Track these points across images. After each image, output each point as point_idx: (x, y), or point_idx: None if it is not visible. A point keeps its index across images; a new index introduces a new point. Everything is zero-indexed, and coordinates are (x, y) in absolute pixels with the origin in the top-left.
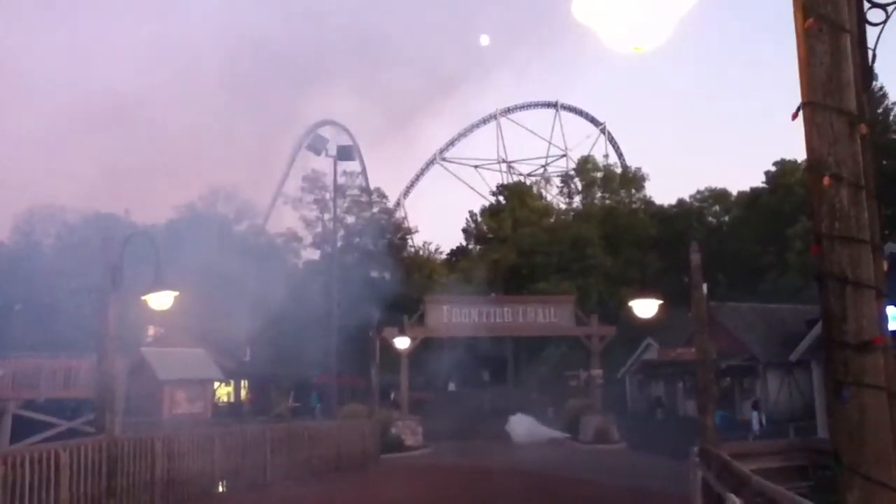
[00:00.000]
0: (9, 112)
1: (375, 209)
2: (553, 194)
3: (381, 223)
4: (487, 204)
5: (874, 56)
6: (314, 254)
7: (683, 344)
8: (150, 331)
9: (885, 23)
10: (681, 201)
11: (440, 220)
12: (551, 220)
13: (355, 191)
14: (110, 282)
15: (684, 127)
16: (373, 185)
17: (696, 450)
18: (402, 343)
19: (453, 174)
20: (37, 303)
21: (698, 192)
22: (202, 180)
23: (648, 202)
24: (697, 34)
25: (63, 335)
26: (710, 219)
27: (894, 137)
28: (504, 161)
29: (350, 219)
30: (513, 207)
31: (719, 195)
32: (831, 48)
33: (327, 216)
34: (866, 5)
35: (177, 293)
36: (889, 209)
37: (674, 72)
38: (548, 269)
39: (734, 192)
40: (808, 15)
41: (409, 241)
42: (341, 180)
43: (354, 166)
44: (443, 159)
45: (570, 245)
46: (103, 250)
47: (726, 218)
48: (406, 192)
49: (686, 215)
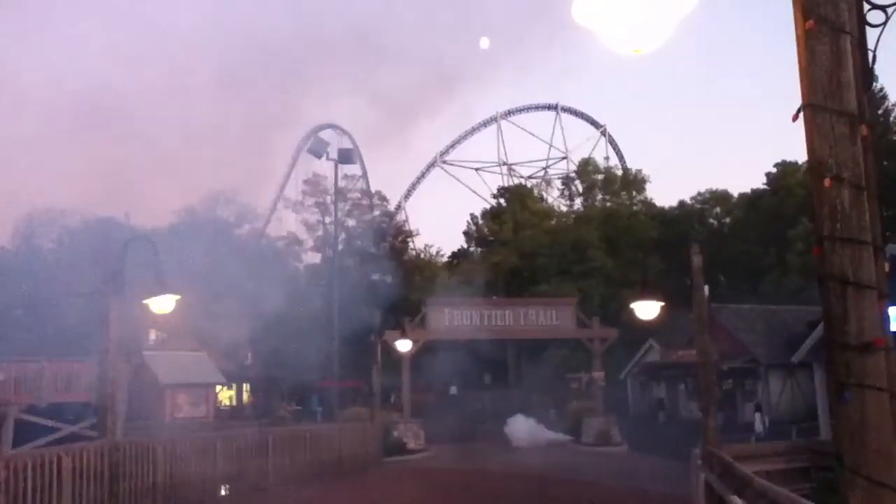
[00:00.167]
0: (8, 115)
1: (376, 212)
2: (554, 197)
3: (381, 226)
4: (488, 206)
5: (874, 57)
6: (315, 257)
7: (685, 346)
8: (152, 335)
9: (885, 24)
10: (682, 203)
11: (441, 222)
12: (552, 222)
13: (356, 194)
14: (111, 286)
15: (685, 129)
16: (374, 188)
17: (698, 452)
18: (404, 346)
19: (454, 177)
20: (38, 307)
21: (699, 193)
22: (202, 184)
23: (649, 204)
24: (698, 36)
25: (64, 339)
26: (711, 220)
27: (895, 139)
28: (505, 163)
29: (351, 222)
30: (514, 210)
31: (720, 197)
32: (831, 50)
33: (328, 219)
34: (866, 7)
35: (178, 297)
36: (890, 210)
37: (674, 74)
38: (549, 271)
39: (735, 193)
40: (808, 16)
41: (410, 244)
42: (342, 183)
43: (355, 169)
44: (443, 162)
45: (571, 247)
46: (104, 254)
47: (727, 220)
48: (407, 195)
49: (687, 217)
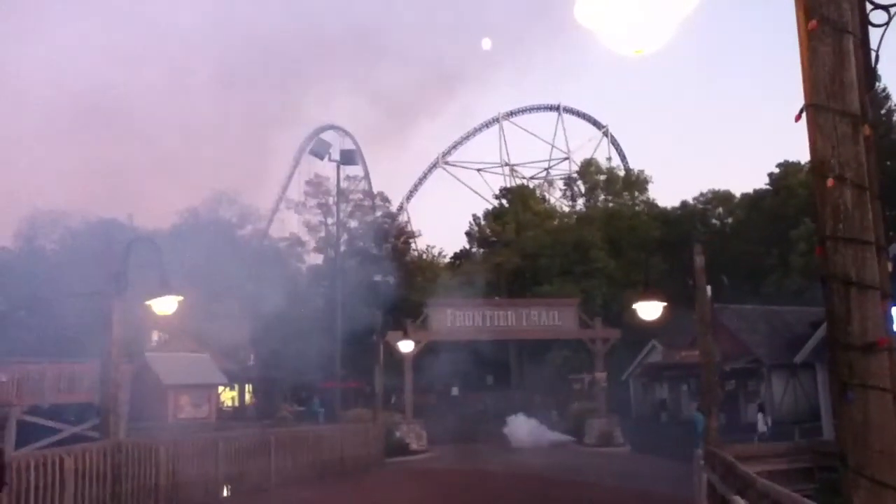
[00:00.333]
0: (9, 116)
1: (378, 213)
2: (556, 197)
3: (384, 227)
4: (490, 207)
5: (877, 57)
6: (317, 258)
7: (687, 346)
8: (155, 336)
9: (887, 24)
10: (684, 203)
11: (443, 223)
12: (554, 223)
13: (358, 195)
14: (114, 287)
15: (687, 129)
16: (376, 189)
17: (700, 452)
18: (406, 347)
19: (456, 178)
20: (40, 308)
21: (701, 194)
22: (205, 185)
23: (651, 204)
24: (699, 36)
25: (66, 340)
26: (713, 221)
27: None
28: (507, 164)
29: (353, 223)
30: (516, 211)
31: (722, 197)
32: (834, 50)
33: (330, 220)
34: (869, 7)
35: (180, 298)
36: (893, 210)
37: (676, 74)
38: (551, 272)
39: (737, 194)
40: (810, 16)
41: (413, 245)
42: (344, 184)
43: (357, 170)
44: (445, 163)
45: (573, 248)
46: (107, 255)
47: (730, 220)
48: (409, 196)
49: (689, 217)
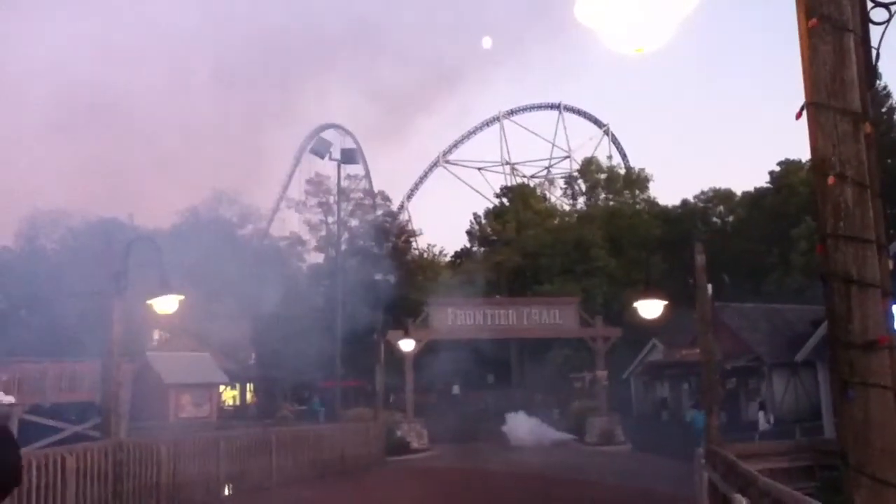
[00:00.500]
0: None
1: (379, 212)
2: (557, 196)
3: (384, 226)
4: (491, 206)
5: (878, 55)
6: (318, 257)
7: (688, 345)
8: (156, 335)
9: (888, 22)
10: (685, 202)
11: (444, 222)
12: (555, 221)
13: (359, 194)
14: (115, 286)
15: (688, 127)
16: (376, 188)
17: (701, 451)
18: (407, 345)
19: (457, 177)
20: (41, 307)
21: (702, 192)
22: (205, 184)
23: (652, 203)
24: (700, 35)
25: (68, 340)
26: (714, 219)
27: None
28: (507, 163)
29: (354, 222)
30: (516, 209)
31: (723, 196)
32: (834, 48)
33: (331, 219)
34: (869, 4)
35: (181, 297)
36: (894, 208)
37: (677, 72)
38: (552, 270)
39: (738, 192)
40: (810, 15)
41: (413, 244)
42: (345, 183)
43: (358, 169)
44: (446, 162)
45: (573, 247)
46: (107, 255)
47: (730, 218)
48: (410, 195)
49: (690, 216)
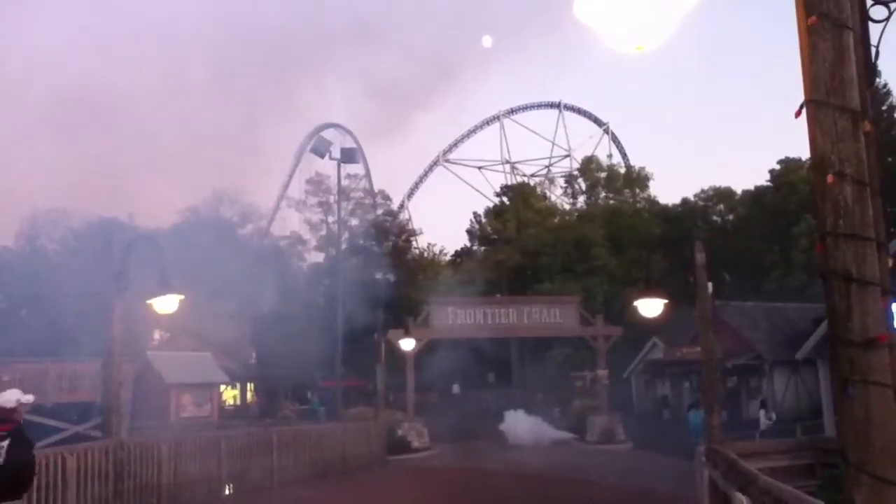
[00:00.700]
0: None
1: (379, 211)
2: (557, 195)
3: (384, 225)
4: (491, 205)
5: (877, 53)
6: (318, 257)
7: (689, 343)
8: (156, 335)
9: (888, 20)
10: (685, 201)
11: (444, 221)
12: (555, 220)
13: (359, 193)
14: (115, 286)
15: (688, 126)
16: (377, 187)
17: (702, 449)
18: (408, 345)
19: (457, 176)
20: (42, 307)
21: (702, 191)
22: (206, 184)
23: (652, 202)
24: (700, 33)
25: (68, 339)
26: (714, 218)
27: None
28: (507, 162)
29: (354, 221)
30: (517, 208)
31: (724, 194)
32: (834, 46)
33: (331, 219)
34: (869, 2)
35: (182, 297)
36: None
37: (677, 71)
38: (552, 269)
39: (739, 190)
40: (810, 12)
41: (414, 243)
42: (345, 183)
43: (358, 169)
44: (446, 161)
45: (574, 245)
46: (108, 255)
47: (731, 217)
48: (410, 194)
49: (690, 214)
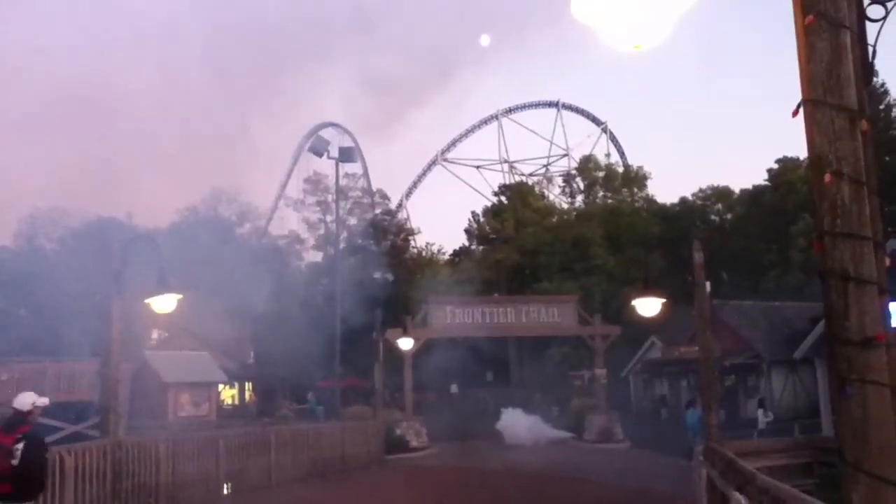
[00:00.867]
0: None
1: (378, 210)
2: (555, 194)
3: (383, 224)
4: (489, 204)
5: (874, 52)
6: (317, 256)
7: (687, 342)
8: (154, 334)
9: (885, 19)
10: (683, 200)
11: (442, 220)
12: (553, 219)
13: (357, 192)
14: (113, 285)
15: (686, 125)
16: (375, 186)
17: (700, 448)
18: (406, 344)
19: (455, 175)
20: (40, 307)
21: (701, 190)
22: (204, 183)
23: (651, 201)
24: (698, 32)
25: (66, 339)
26: (712, 217)
27: None
28: (506, 161)
29: (352, 220)
30: (515, 207)
31: (722, 193)
32: (831, 45)
33: (329, 218)
34: (866, 1)
35: (180, 296)
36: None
37: (675, 70)
38: (550, 268)
39: (737, 189)
40: (807, 12)
41: (412, 243)
42: (343, 182)
43: (356, 168)
44: (444, 160)
45: (572, 245)
46: (106, 254)
47: (729, 216)
48: (408, 194)
49: (688, 214)
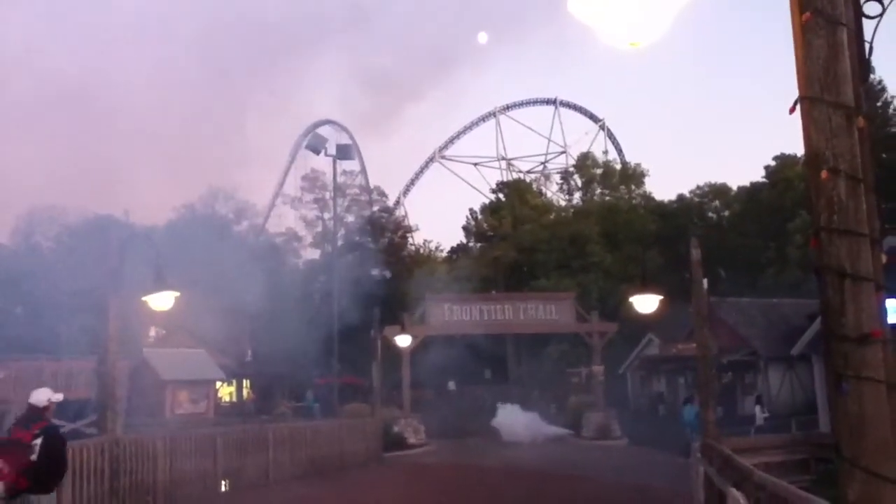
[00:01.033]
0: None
1: (375, 208)
2: (553, 191)
3: (380, 222)
4: (487, 201)
5: (871, 49)
6: (314, 253)
7: (684, 339)
8: (152, 331)
9: (881, 16)
10: (681, 197)
11: (440, 217)
12: (551, 217)
13: (355, 190)
14: (111, 283)
15: (684, 122)
16: (372, 183)
17: (697, 445)
18: (404, 341)
19: (453, 172)
20: (37, 305)
21: (698, 187)
22: (201, 180)
23: (648, 198)
24: (696, 30)
25: (64, 337)
26: (710, 214)
27: (893, 131)
28: (503, 158)
29: (350, 218)
30: (513, 205)
31: (719, 190)
32: (828, 42)
33: (327, 215)
34: None
35: (177, 294)
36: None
37: (673, 67)
38: (548, 266)
39: (734, 187)
40: (804, 9)
41: (410, 240)
42: (341, 179)
43: (354, 165)
44: (442, 157)
45: (569, 242)
46: (103, 252)
47: (726, 213)
48: (406, 191)
49: (686, 211)
